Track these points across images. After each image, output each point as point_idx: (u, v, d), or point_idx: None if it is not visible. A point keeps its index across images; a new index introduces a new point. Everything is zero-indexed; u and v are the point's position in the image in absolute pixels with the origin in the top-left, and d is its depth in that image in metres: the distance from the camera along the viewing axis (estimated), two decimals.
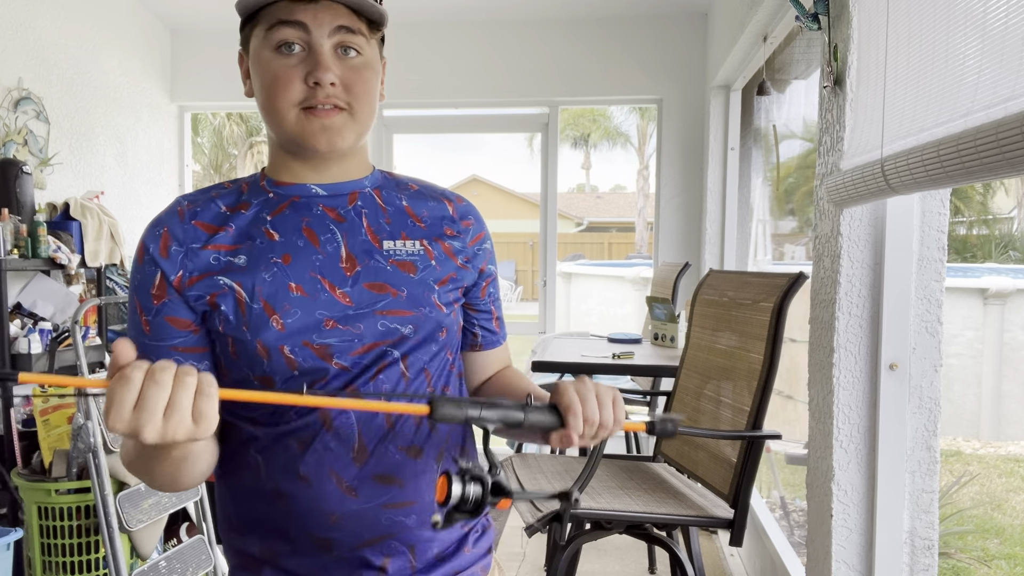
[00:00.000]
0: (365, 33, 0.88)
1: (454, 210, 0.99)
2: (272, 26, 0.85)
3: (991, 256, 8.19)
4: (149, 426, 0.61)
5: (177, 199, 0.93)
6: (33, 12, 3.14)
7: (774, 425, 1.83)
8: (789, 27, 2.48)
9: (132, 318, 0.90)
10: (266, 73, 0.86)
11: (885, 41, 1.33)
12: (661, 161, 3.94)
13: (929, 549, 1.51)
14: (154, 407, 0.61)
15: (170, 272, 0.87)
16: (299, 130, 0.86)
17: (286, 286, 0.86)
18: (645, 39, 3.89)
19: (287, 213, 0.90)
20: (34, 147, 3.09)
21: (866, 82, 1.42)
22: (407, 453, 0.89)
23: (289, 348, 0.85)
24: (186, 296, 0.87)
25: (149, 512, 2.19)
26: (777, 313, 1.79)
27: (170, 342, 0.88)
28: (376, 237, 0.92)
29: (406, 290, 0.90)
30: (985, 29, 1.01)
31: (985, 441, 5.45)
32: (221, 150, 15.67)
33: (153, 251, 0.88)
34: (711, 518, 1.83)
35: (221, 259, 0.88)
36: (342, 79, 0.86)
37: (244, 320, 0.85)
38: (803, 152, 3.21)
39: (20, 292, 2.84)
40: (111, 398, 0.61)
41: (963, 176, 1.02)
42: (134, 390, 0.61)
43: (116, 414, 0.61)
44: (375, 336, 0.88)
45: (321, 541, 0.88)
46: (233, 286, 0.86)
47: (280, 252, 0.88)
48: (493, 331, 1.05)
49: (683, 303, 3.39)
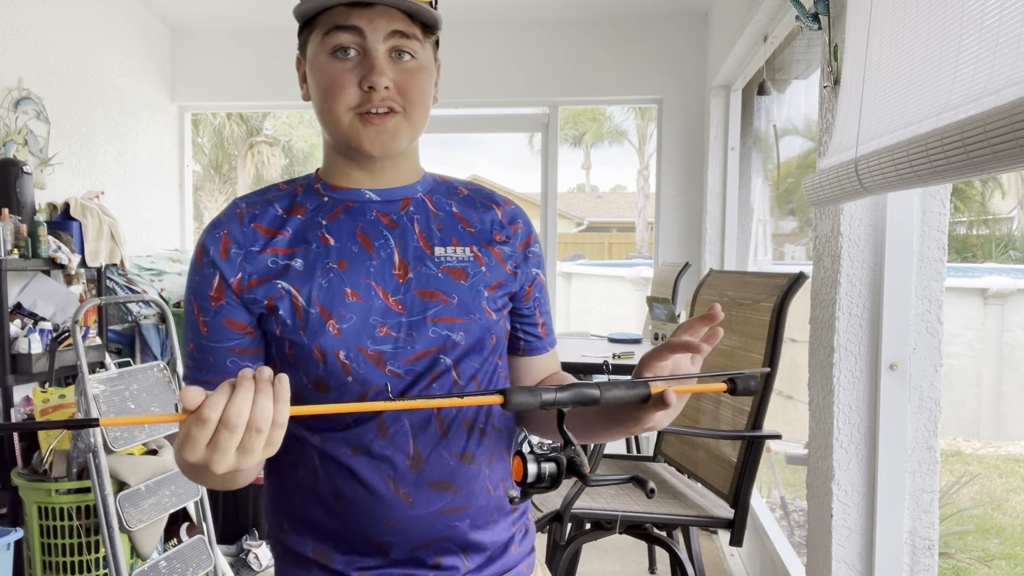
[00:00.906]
0: (419, 37, 0.89)
1: (503, 214, 1.00)
2: (328, 31, 0.87)
3: (991, 256, 8.19)
4: (221, 463, 0.63)
5: (235, 201, 0.94)
6: (33, 12, 3.14)
7: (774, 425, 1.83)
8: (789, 27, 2.47)
9: (189, 319, 0.91)
10: (322, 77, 0.88)
11: (867, 41, 1.33)
12: (661, 161, 3.94)
13: (929, 549, 1.51)
14: (227, 447, 0.63)
15: (229, 275, 0.88)
16: (353, 134, 0.88)
17: (342, 292, 0.87)
18: (645, 39, 3.89)
19: (342, 218, 0.91)
20: (34, 147, 3.09)
21: (847, 81, 1.42)
22: (461, 459, 0.91)
23: (344, 353, 0.86)
24: (244, 299, 0.88)
25: (149, 512, 2.19)
26: (777, 313, 1.79)
27: (227, 343, 0.89)
28: (428, 243, 0.93)
29: (457, 297, 0.91)
30: (962, 31, 1.01)
31: (985, 441, 5.45)
32: (221, 150, 15.66)
33: (213, 253, 0.89)
34: (711, 518, 1.83)
35: (279, 263, 0.89)
36: (396, 83, 0.87)
37: (301, 324, 0.87)
38: (803, 152, 3.21)
39: (20, 292, 2.84)
40: (187, 436, 0.63)
41: (932, 176, 1.01)
42: (208, 432, 0.63)
43: (191, 450, 0.63)
44: (427, 343, 0.89)
45: (379, 544, 0.90)
46: (291, 290, 0.87)
47: (336, 257, 0.89)
48: (538, 336, 1.04)
49: (683, 303, 3.39)
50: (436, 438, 0.89)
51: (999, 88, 0.90)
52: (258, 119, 15.31)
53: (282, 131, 16.20)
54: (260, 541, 2.85)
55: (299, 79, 0.96)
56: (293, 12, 0.90)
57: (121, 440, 2.15)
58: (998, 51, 0.92)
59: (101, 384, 2.20)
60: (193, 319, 0.90)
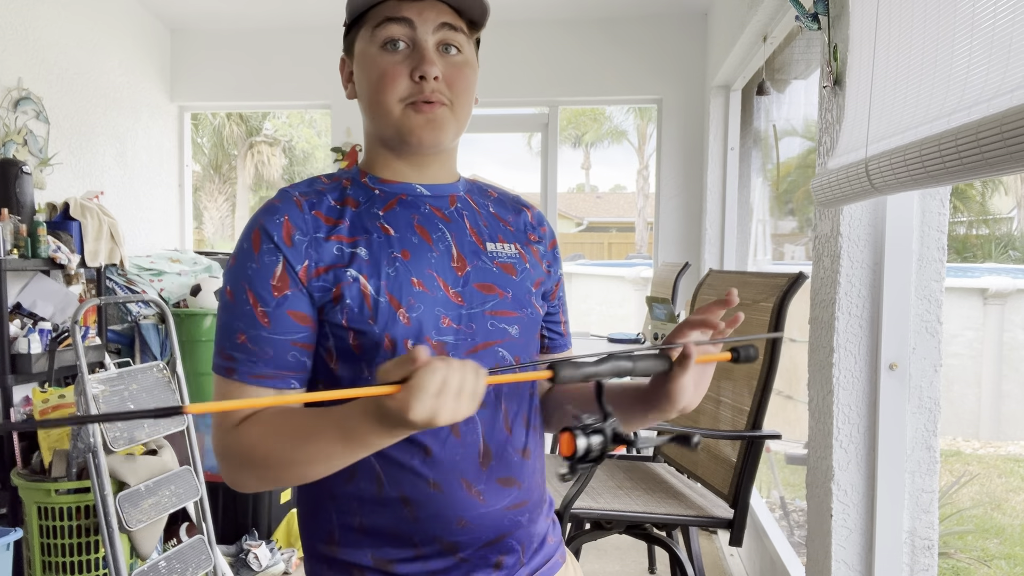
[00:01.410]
0: (466, 32, 0.91)
1: (532, 217, 1.04)
2: (379, 24, 0.88)
3: (991, 256, 8.19)
4: (445, 413, 0.67)
5: (285, 190, 0.91)
6: (33, 12, 3.14)
7: (774, 425, 1.83)
8: (789, 27, 2.47)
9: (242, 309, 0.85)
10: (373, 69, 0.89)
11: (874, 41, 1.33)
12: (661, 161, 3.94)
13: (929, 549, 1.51)
14: (458, 389, 0.68)
15: (296, 262, 0.85)
16: (404, 124, 0.88)
17: (409, 281, 0.87)
18: (645, 39, 3.89)
19: (397, 210, 0.91)
20: (34, 147, 3.09)
21: (855, 81, 1.42)
22: (522, 455, 0.94)
23: (412, 343, 0.86)
24: (311, 287, 0.85)
25: (149, 512, 2.19)
26: (777, 313, 1.79)
27: (291, 336, 0.86)
28: (479, 239, 0.95)
29: (511, 292, 0.94)
30: (972, 30, 1.01)
31: (985, 441, 5.45)
32: (221, 150, 15.65)
33: (277, 239, 0.85)
34: (711, 518, 1.83)
35: (344, 250, 0.87)
36: (444, 75, 0.88)
37: (371, 313, 0.85)
38: (803, 152, 3.21)
39: (20, 292, 2.84)
40: (420, 385, 0.66)
41: (944, 176, 1.01)
42: (440, 376, 0.67)
43: (420, 402, 0.66)
44: (486, 336, 0.91)
45: (448, 545, 0.89)
46: (359, 278, 0.86)
47: (398, 247, 0.89)
48: (561, 335, 1.08)
49: (683, 303, 3.39)
50: (503, 435, 0.92)
51: (1013, 88, 0.90)
52: (258, 119, 15.31)
53: (282, 131, 16.21)
54: (260, 541, 2.85)
55: (343, 79, 0.96)
56: (346, 9, 0.91)
57: (121, 440, 2.15)
58: (1011, 50, 0.92)
59: (101, 384, 2.20)
60: (248, 309, 0.85)
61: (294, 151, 16.52)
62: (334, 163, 4.11)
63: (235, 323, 0.85)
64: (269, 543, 2.86)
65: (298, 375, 0.87)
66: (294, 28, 4.09)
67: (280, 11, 3.92)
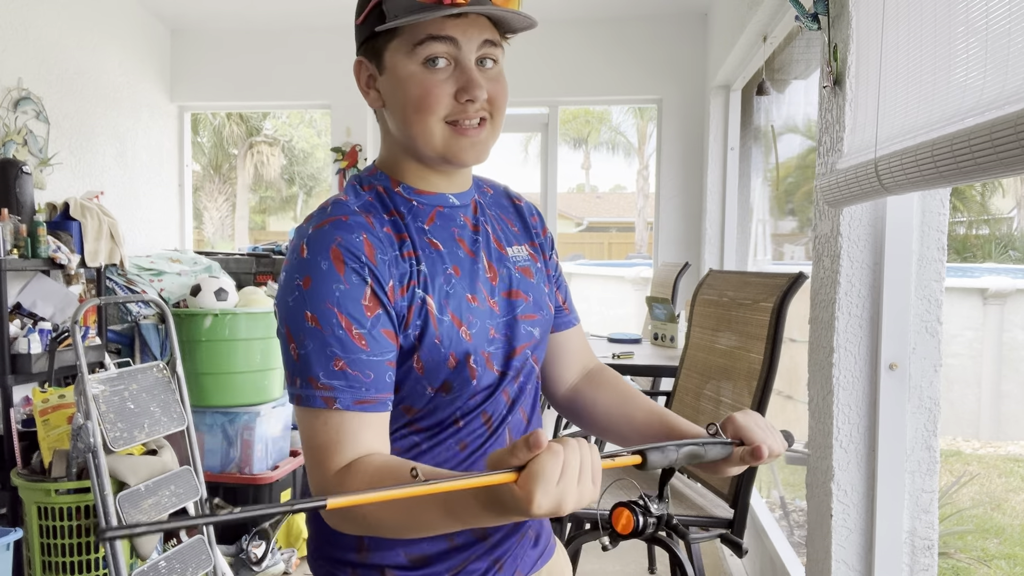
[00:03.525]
0: (501, 44, 0.90)
1: (525, 209, 1.06)
2: (421, 41, 0.84)
3: (991, 256, 8.19)
4: (572, 501, 0.64)
5: (343, 203, 0.87)
6: (33, 12, 3.14)
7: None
8: (789, 27, 2.47)
9: (334, 333, 0.80)
10: (413, 87, 0.85)
11: (881, 41, 1.33)
12: (661, 161, 3.94)
13: (929, 549, 1.51)
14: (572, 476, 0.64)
15: (383, 279, 0.82)
16: (447, 146, 0.87)
17: (464, 297, 0.89)
18: (645, 39, 3.89)
19: (438, 223, 0.91)
20: (34, 147, 3.09)
21: (863, 82, 1.42)
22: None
23: (473, 358, 0.88)
24: (397, 306, 0.84)
25: (149, 512, 2.19)
26: (777, 313, 1.79)
27: (386, 356, 0.83)
28: (501, 245, 0.97)
29: (532, 295, 0.96)
30: (984, 31, 1.01)
31: (985, 441, 5.45)
32: (221, 150, 15.65)
33: (365, 258, 0.81)
34: (711, 518, 1.83)
35: (413, 268, 0.86)
36: (487, 91, 0.88)
37: (436, 332, 0.85)
38: (803, 151, 3.21)
39: (20, 292, 2.84)
40: (541, 473, 0.63)
41: (957, 176, 1.01)
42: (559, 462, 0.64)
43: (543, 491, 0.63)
44: (521, 340, 0.94)
45: (481, 533, 0.93)
46: (424, 296, 0.86)
47: (449, 263, 0.89)
48: (562, 311, 1.08)
49: (683, 303, 3.39)
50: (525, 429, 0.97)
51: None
52: (258, 119, 15.30)
53: (282, 131, 16.21)
54: (260, 541, 2.85)
55: (362, 84, 0.91)
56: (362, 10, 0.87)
57: (121, 440, 2.15)
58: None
59: (100, 384, 2.20)
60: (341, 333, 0.79)
61: (294, 151, 16.51)
62: (334, 163, 4.12)
63: (327, 350, 0.80)
64: (269, 543, 2.86)
65: (391, 396, 0.85)
66: (294, 28, 4.09)
67: (280, 11, 3.92)
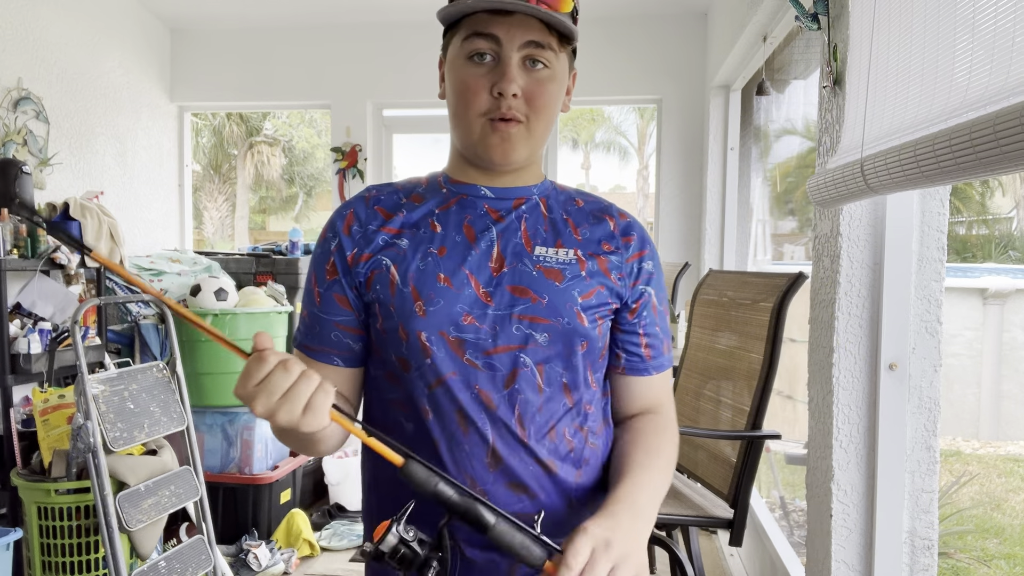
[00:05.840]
0: (555, 47, 0.90)
1: (615, 226, 0.99)
2: (468, 37, 0.90)
3: (991, 256, 8.19)
4: (261, 402, 0.71)
5: (368, 187, 1.01)
6: (33, 12, 3.14)
7: (774, 425, 1.83)
8: (789, 27, 2.47)
9: (307, 286, 0.99)
10: (457, 80, 0.91)
11: (871, 41, 1.33)
12: (661, 161, 3.94)
13: (929, 549, 1.51)
14: (274, 388, 0.71)
15: (347, 248, 0.95)
16: (481, 141, 0.91)
17: (435, 276, 0.91)
18: (645, 39, 3.89)
19: (453, 209, 0.96)
20: (34, 147, 3.09)
21: (851, 82, 1.42)
22: (543, 467, 0.92)
23: (426, 336, 0.90)
24: (355, 273, 0.94)
25: (149, 512, 2.19)
26: (777, 313, 1.80)
27: (334, 317, 0.95)
28: (530, 241, 0.95)
29: (547, 297, 0.92)
30: (972, 31, 1.00)
31: (985, 441, 5.45)
32: (221, 150, 15.65)
33: (338, 228, 0.96)
34: (711, 518, 1.83)
35: (387, 240, 0.94)
36: (525, 91, 0.89)
37: (392, 300, 0.91)
38: (803, 151, 3.21)
39: (20, 292, 2.84)
40: (246, 370, 0.72)
41: (939, 176, 1.01)
42: (265, 369, 0.71)
43: (241, 383, 0.71)
44: (508, 339, 0.90)
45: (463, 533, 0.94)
46: (391, 266, 0.92)
47: (438, 244, 0.93)
48: (640, 356, 1.00)
49: (683, 303, 3.39)
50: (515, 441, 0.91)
51: (1013, 89, 0.90)
52: (258, 119, 15.30)
53: (282, 131, 16.20)
54: (259, 541, 2.85)
55: (439, 77, 0.99)
56: (437, 14, 0.93)
57: (120, 440, 2.15)
58: (1014, 52, 0.91)
59: (100, 384, 2.20)
60: (310, 287, 0.97)
61: (294, 151, 16.51)
62: (334, 163, 4.11)
63: (304, 297, 1.00)
64: (269, 543, 2.86)
65: (341, 354, 0.96)
66: (294, 28, 4.09)
67: (280, 11, 3.92)
